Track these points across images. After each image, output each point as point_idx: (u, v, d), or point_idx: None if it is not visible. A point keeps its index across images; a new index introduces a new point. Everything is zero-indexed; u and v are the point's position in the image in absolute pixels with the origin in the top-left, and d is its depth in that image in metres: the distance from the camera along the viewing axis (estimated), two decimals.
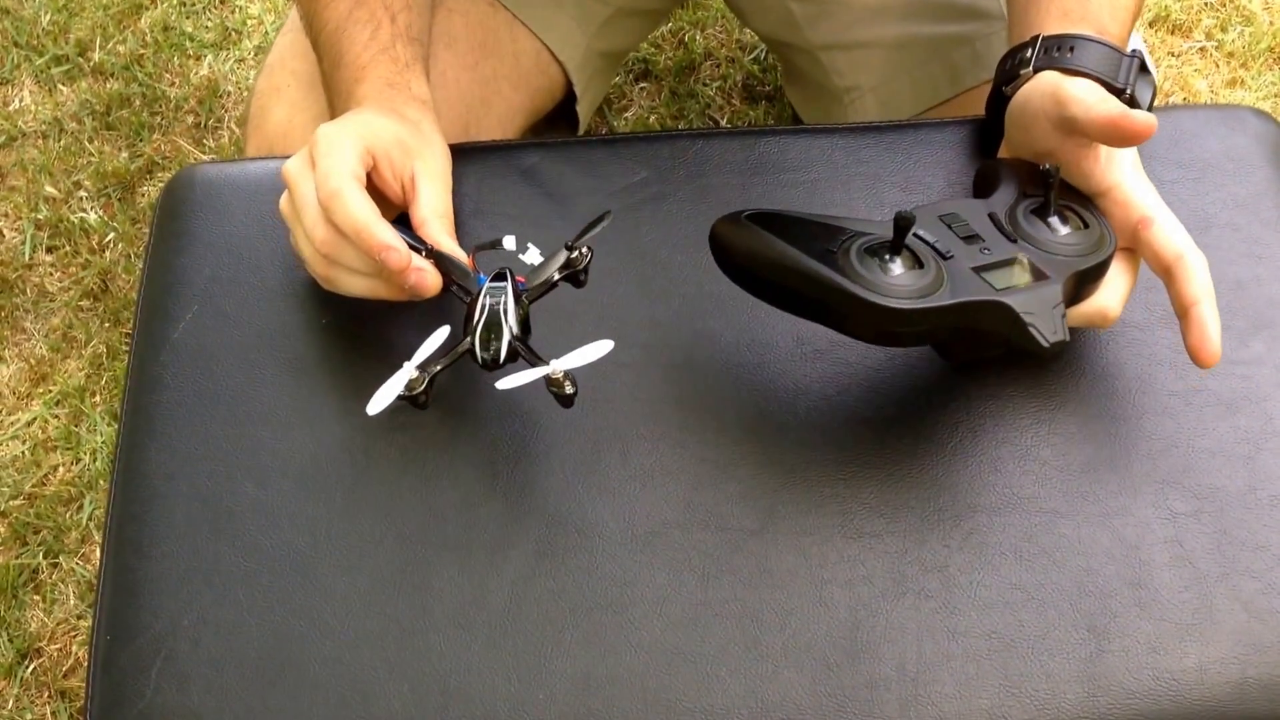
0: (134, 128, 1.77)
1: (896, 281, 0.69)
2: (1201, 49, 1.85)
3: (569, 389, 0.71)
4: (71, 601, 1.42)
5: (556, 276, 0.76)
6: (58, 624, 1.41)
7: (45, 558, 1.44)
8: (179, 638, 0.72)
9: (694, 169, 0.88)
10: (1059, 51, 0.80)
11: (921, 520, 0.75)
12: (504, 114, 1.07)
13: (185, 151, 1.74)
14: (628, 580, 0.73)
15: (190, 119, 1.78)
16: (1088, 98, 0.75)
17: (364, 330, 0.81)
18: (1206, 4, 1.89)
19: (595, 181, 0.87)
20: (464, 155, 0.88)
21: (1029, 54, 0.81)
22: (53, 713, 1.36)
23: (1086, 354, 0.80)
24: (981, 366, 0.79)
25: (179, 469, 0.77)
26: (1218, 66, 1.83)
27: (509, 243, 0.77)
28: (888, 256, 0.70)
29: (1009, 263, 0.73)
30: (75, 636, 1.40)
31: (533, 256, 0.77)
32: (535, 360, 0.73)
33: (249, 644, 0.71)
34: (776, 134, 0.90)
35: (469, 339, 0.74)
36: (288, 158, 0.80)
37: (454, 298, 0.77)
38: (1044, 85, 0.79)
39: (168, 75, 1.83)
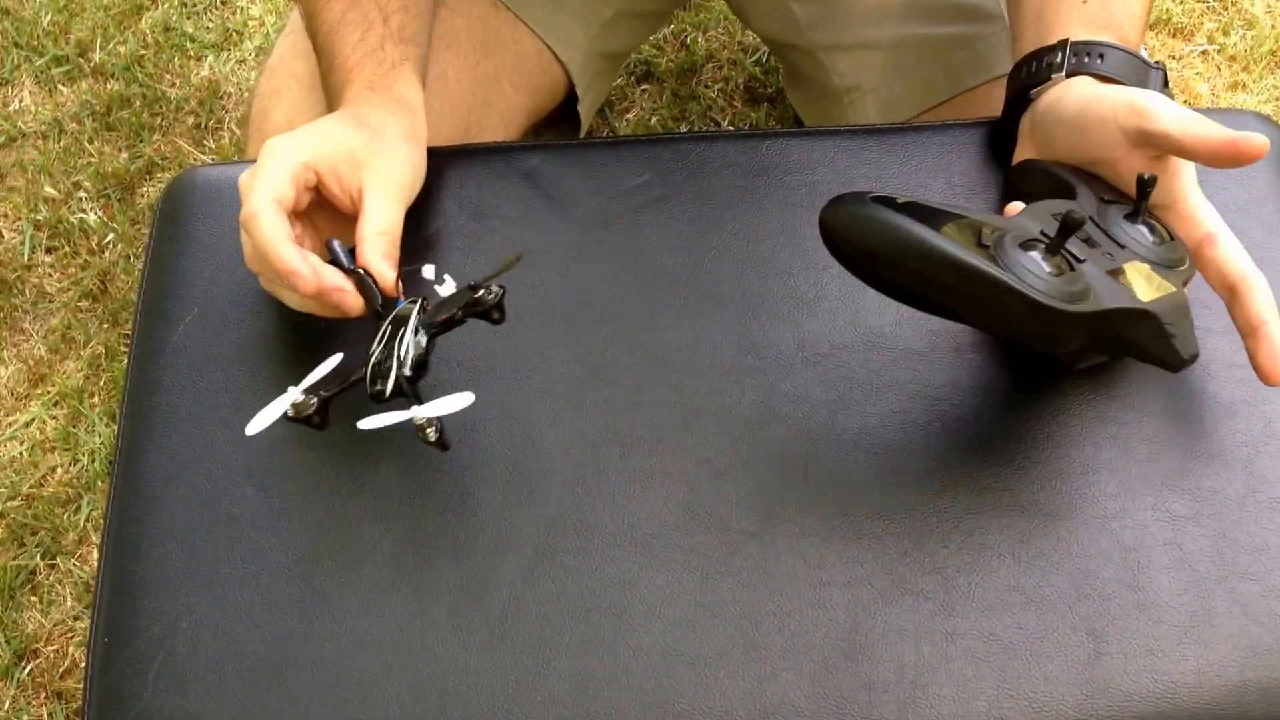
0: (134, 129, 1.77)
1: (1055, 282, 0.66)
2: (1203, 52, 1.85)
3: (431, 435, 0.71)
4: (69, 603, 1.42)
5: (459, 314, 0.74)
6: (55, 625, 1.41)
7: (43, 559, 1.44)
8: (177, 640, 0.72)
9: (696, 171, 0.88)
10: (1089, 57, 0.80)
11: (920, 522, 0.75)
12: (505, 114, 1.07)
13: (185, 152, 1.75)
14: (626, 582, 0.73)
15: (191, 120, 1.78)
16: (1179, 115, 0.74)
17: (363, 334, 0.81)
18: (1208, 7, 1.89)
19: (596, 184, 0.88)
20: (465, 157, 0.88)
21: (1059, 58, 0.81)
22: (49, 714, 1.36)
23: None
24: (977, 370, 0.79)
25: (178, 472, 0.77)
26: (1219, 70, 1.83)
27: (428, 272, 0.76)
28: (1044, 256, 0.68)
29: (1135, 269, 0.72)
30: (72, 638, 1.40)
31: (447, 289, 0.75)
32: (412, 402, 0.71)
33: (247, 646, 0.72)
34: (778, 136, 0.90)
35: (364, 368, 0.73)
36: None
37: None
38: (1116, 95, 0.77)
39: (168, 76, 1.83)
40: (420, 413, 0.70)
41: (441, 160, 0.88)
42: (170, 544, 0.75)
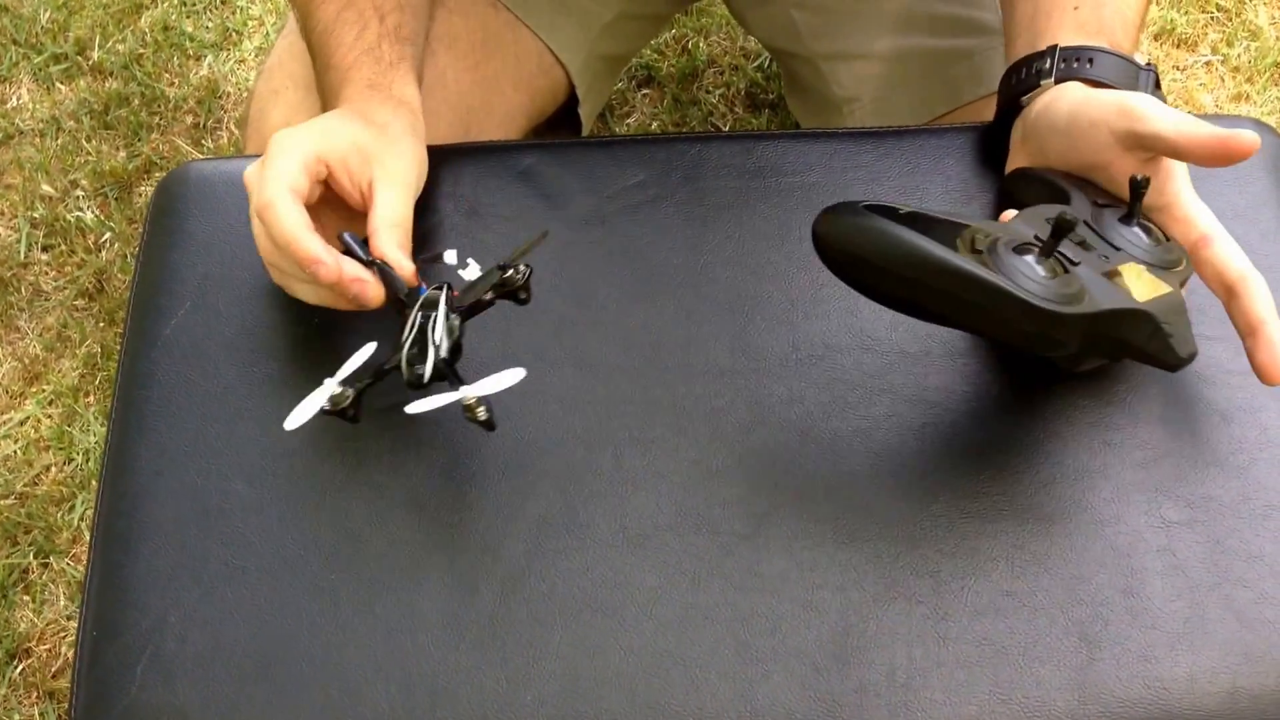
0: (132, 127, 1.77)
1: (1049, 285, 0.67)
2: (1207, 63, 1.85)
3: (482, 415, 0.71)
4: (61, 602, 1.42)
5: (489, 296, 0.75)
6: (47, 624, 1.41)
7: (35, 558, 1.44)
8: (165, 634, 0.72)
9: (691, 172, 0.88)
10: (1078, 63, 0.80)
11: (914, 526, 0.75)
12: (505, 115, 1.07)
13: (184, 152, 1.75)
14: (618, 582, 0.73)
15: (189, 119, 1.79)
16: (1170, 115, 0.75)
17: (357, 329, 0.81)
18: (1212, 18, 1.89)
19: (592, 183, 0.88)
20: (460, 155, 0.89)
21: (1048, 64, 0.82)
22: (41, 714, 1.36)
23: None
24: (972, 374, 0.80)
25: (168, 466, 0.77)
26: (1223, 81, 1.83)
27: (449, 257, 0.77)
28: (1037, 259, 0.68)
29: (1130, 270, 0.72)
30: (65, 637, 1.40)
31: (472, 273, 0.76)
32: (456, 383, 0.72)
33: (236, 641, 0.72)
34: (774, 138, 0.90)
35: (397, 355, 0.73)
36: None
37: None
38: (1105, 99, 0.78)
39: (167, 75, 1.84)
40: (470, 392, 0.71)
41: (437, 158, 0.88)
42: (159, 538, 0.75)
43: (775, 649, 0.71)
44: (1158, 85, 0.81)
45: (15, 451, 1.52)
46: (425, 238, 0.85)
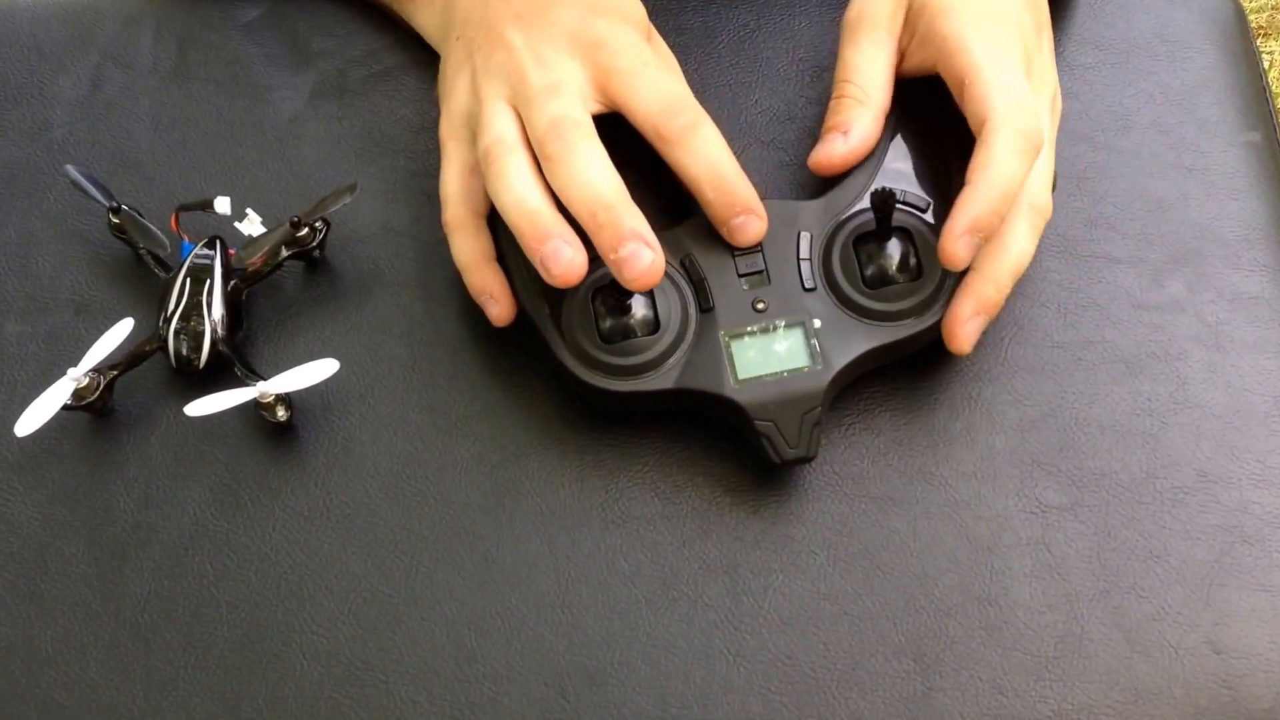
0: None
1: (616, 350, 0.61)
2: None
3: (281, 415, 0.63)
4: None
5: (283, 254, 0.66)
6: None
7: None
8: None
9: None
10: None
11: (705, 504, 0.62)
12: None
13: None
14: (312, 565, 0.60)
15: None
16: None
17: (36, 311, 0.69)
18: None
19: (335, 42, 0.74)
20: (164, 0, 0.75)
21: None
22: None
23: None
24: None
25: None
26: None
27: (222, 205, 0.66)
28: (615, 312, 0.61)
29: (782, 328, 0.61)
30: None
31: (253, 226, 0.66)
32: (245, 372, 0.63)
33: None
34: None
35: (162, 329, 0.63)
36: None
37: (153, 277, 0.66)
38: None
39: None
40: (269, 389, 0.62)
41: (129, 5, 0.75)
42: None
43: (510, 663, 0.59)
44: None
45: None
46: (104, 109, 0.72)
